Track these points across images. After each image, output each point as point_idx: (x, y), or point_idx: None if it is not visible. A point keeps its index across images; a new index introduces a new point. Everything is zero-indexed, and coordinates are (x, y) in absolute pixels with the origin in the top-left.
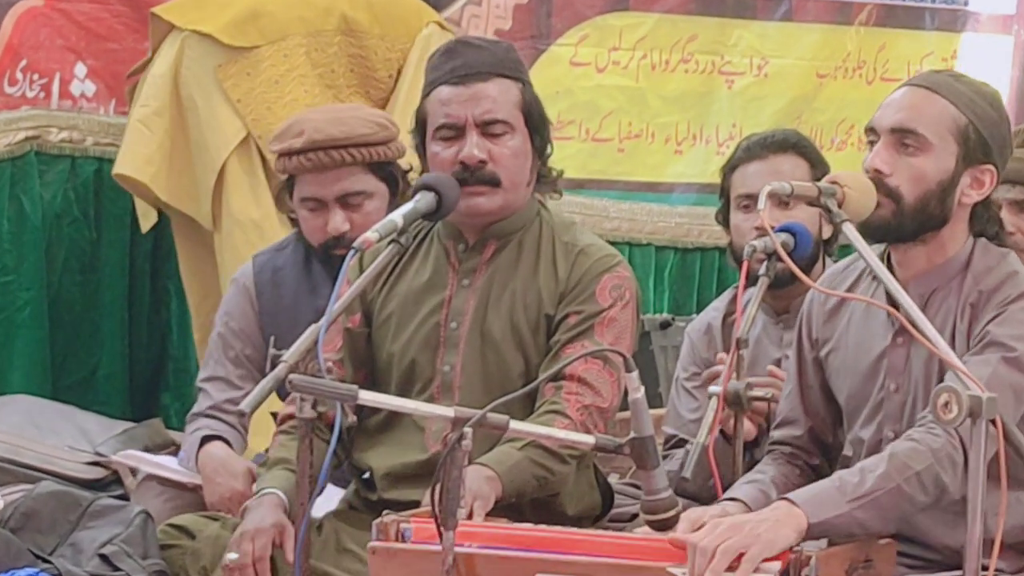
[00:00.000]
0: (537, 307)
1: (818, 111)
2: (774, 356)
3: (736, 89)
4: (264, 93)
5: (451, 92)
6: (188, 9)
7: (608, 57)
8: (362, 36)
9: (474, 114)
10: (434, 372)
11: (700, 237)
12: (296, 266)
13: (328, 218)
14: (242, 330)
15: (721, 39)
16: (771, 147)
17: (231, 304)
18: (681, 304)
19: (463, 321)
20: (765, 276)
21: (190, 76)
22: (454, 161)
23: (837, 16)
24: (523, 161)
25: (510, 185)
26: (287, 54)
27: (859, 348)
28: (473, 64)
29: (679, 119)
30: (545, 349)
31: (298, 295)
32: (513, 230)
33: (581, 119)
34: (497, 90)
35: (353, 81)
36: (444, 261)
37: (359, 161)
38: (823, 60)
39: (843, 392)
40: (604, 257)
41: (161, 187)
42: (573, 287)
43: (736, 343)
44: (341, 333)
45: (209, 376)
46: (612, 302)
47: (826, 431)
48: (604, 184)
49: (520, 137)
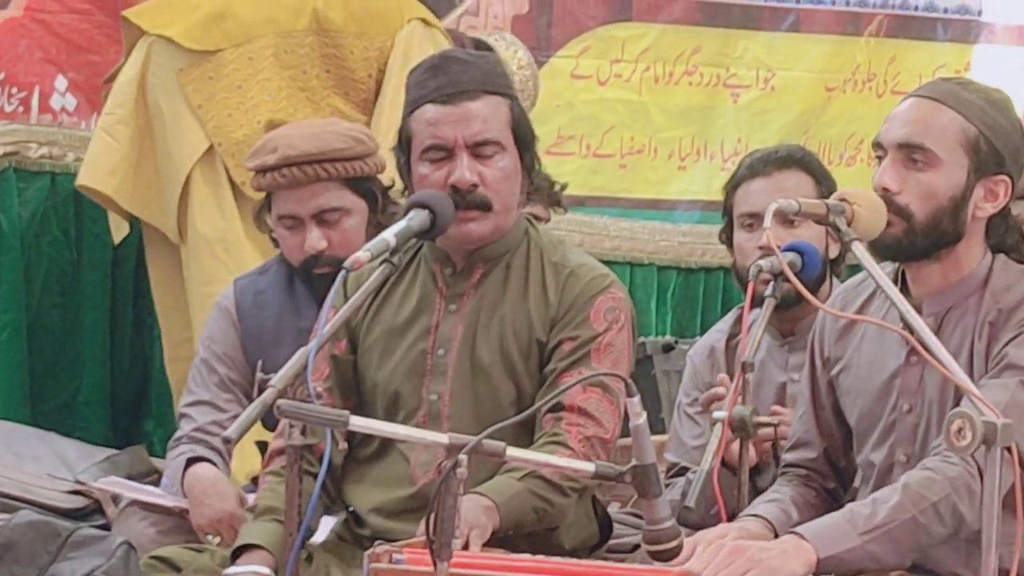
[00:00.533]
0: (528, 332)
1: (827, 125)
2: (779, 380)
3: (742, 103)
4: (226, 98)
5: (438, 112)
6: (156, 13)
7: (610, 69)
8: (336, 35)
9: (464, 135)
10: (420, 401)
11: (704, 257)
12: (278, 288)
13: (305, 236)
14: (225, 354)
15: (726, 51)
16: (775, 163)
17: (213, 328)
18: (684, 326)
19: (451, 348)
20: (771, 297)
21: (156, 82)
22: (444, 184)
23: (846, 27)
24: (514, 182)
25: (501, 208)
26: (252, 57)
27: (871, 367)
28: (460, 81)
29: (683, 134)
30: (537, 376)
31: (281, 317)
32: (501, 252)
33: (582, 134)
34: (486, 109)
35: (329, 82)
36: (431, 286)
37: (334, 176)
38: (832, 72)
39: (854, 413)
40: (596, 278)
41: (126, 198)
42: (565, 312)
43: (741, 367)
44: (328, 360)
45: (194, 401)
46: (607, 326)
47: (840, 454)
48: (605, 201)
49: (510, 156)
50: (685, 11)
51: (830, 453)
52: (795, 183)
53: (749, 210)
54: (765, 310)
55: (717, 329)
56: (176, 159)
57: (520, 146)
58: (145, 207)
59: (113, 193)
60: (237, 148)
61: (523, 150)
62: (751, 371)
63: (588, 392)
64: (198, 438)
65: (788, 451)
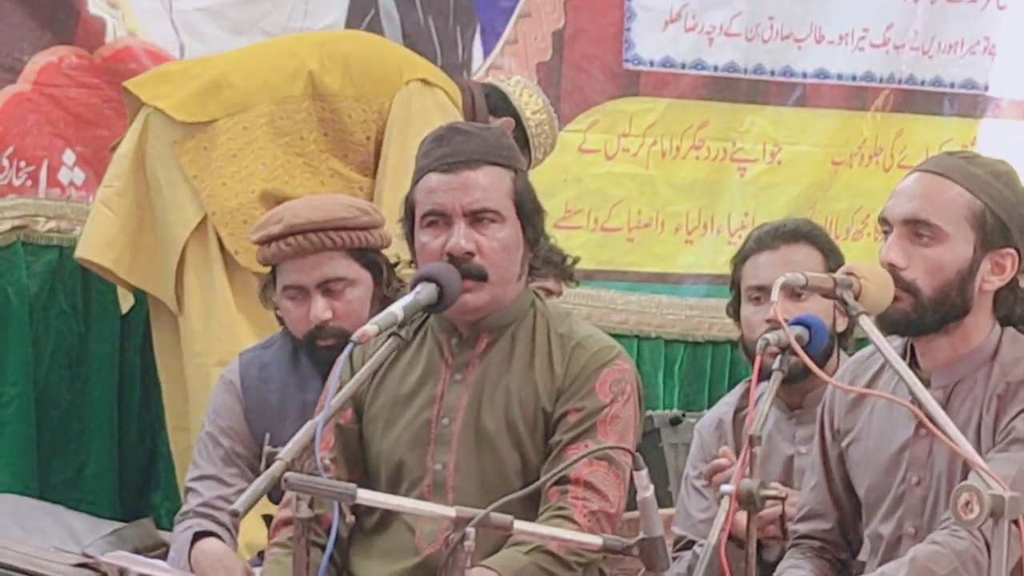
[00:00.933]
0: (534, 403)
1: (833, 199)
2: (787, 453)
3: (749, 177)
4: (220, 168)
5: (439, 180)
6: (155, 83)
7: (618, 144)
8: (333, 99)
9: (462, 203)
10: (424, 470)
11: (711, 330)
12: (283, 362)
13: (310, 307)
14: (230, 427)
15: (733, 125)
16: (783, 237)
17: (218, 401)
18: (692, 400)
19: (455, 417)
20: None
21: (154, 153)
22: (441, 252)
23: (853, 101)
24: (513, 253)
25: (498, 279)
26: (247, 126)
27: (881, 439)
28: (462, 151)
29: (690, 207)
30: (543, 446)
31: (286, 391)
32: (507, 323)
33: (590, 208)
34: (487, 179)
35: (327, 145)
36: (437, 355)
37: (339, 246)
38: (838, 147)
39: (863, 484)
40: (602, 350)
41: (125, 269)
42: (571, 383)
43: (749, 440)
44: (333, 430)
45: (199, 476)
46: (613, 397)
47: (851, 526)
48: (613, 275)
49: (511, 228)
50: (692, 86)
51: (842, 524)
52: (803, 257)
53: (757, 283)
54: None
55: (725, 402)
56: (172, 229)
57: (523, 218)
58: (145, 277)
59: (112, 264)
60: (231, 217)
61: (526, 222)
62: (759, 444)
63: (594, 465)
64: (204, 512)
65: (800, 521)
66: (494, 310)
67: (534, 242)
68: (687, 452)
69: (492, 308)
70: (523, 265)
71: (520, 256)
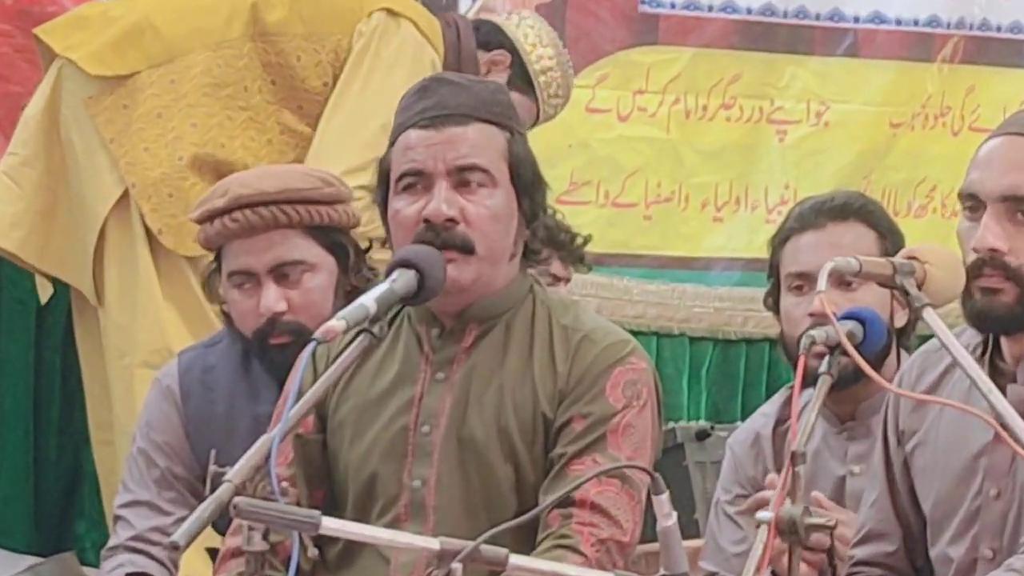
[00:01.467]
0: (531, 407)
1: (891, 169)
2: (837, 473)
3: (789, 141)
4: (142, 130)
5: (419, 136)
6: (69, 29)
7: (632, 102)
8: (279, 39)
9: (445, 159)
10: (400, 487)
11: (745, 326)
12: (231, 365)
13: (260, 296)
14: (167, 443)
15: (770, 79)
16: (829, 213)
17: (152, 411)
18: (722, 409)
19: (437, 424)
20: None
21: (68, 114)
22: (417, 219)
23: (914, 51)
24: (506, 225)
25: (487, 253)
26: (175, 79)
27: (952, 443)
28: (449, 104)
29: (719, 179)
30: (543, 459)
31: (234, 400)
32: (499, 311)
33: (599, 179)
34: (476, 135)
35: (275, 96)
36: (415, 350)
37: (296, 222)
38: (897, 106)
39: (929, 497)
40: (613, 344)
41: (34, 253)
42: (576, 383)
43: (791, 458)
44: (292, 442)
45: (129, 501)
46: (626, 402)
47: (920, 548)
48: (627, 260)
49: (503, 195)
50: (721, 33)
51: (909, 547)
52: (853, 238)
53: (798, 269)
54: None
55: (762, 413)
56: (90, 204)
57: (518, 187)
58: (58, 263)
59: (17, 248)
60: (154, 189)
61: (522, 193)
62: (802, 463)
63: (604, 484)
64: (137, 548)
65: (857, 545)
66: (482, 294)
67: (531, 218)
68: (717, 472)
69: (479, 291)
70: (517, 243)
71: (513, 231)
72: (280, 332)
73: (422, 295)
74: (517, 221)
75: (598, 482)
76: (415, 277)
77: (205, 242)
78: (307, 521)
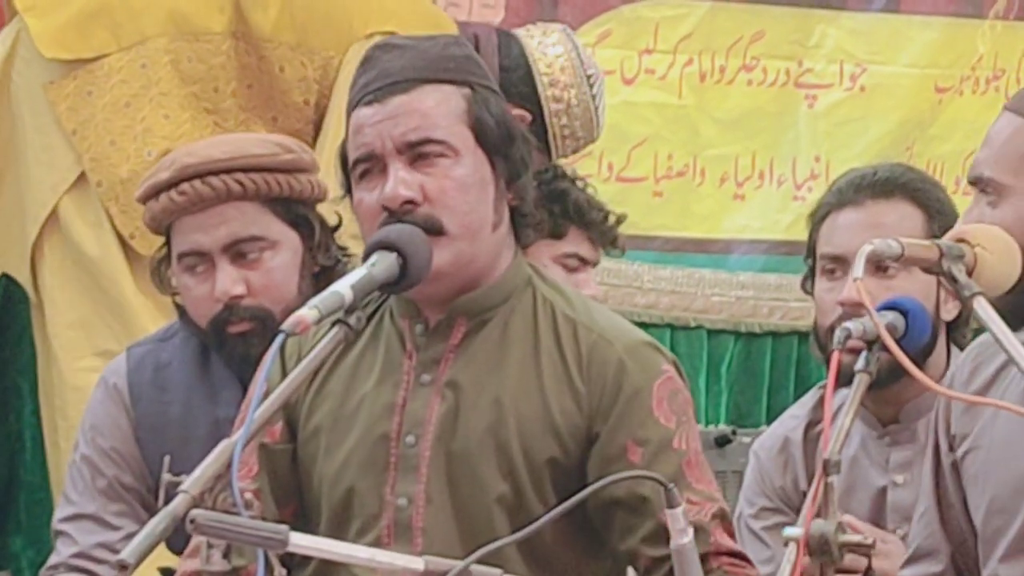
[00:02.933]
0: (541, 421)
1: (937, 139)
2: (877, 484)
3: (820, 108)
4: (108, 120)
5: (365, 114)
6: None
7: (639, 63)
8: (264, 44)
9: (393, 136)
10: (382, 505)
11: (771, 317)
12: (187, 363)
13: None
14: (115, 449)
15: (799, 38)
16: (870, 189)
17: (98, 414)
18: (745, 412)
19: (423, 434)
20: (864, 372)
21: (22, 84)
22: (378, 209)
23: (963, 6)
24: (477, 195)
25: (460, 231)
26: (146, 63)
27: (1008, 448)
28: (392, 71)
29: (740, 151)
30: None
31: (190, 401)
32: (492, 304)
33: (602, 150)
34: (426, 101)
35: (250, 102)
36: (398, 347)
37: (251, 193)
38: (944, 68)
39: (981, 508)
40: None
41: None
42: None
43: (823, 466)
44: (256, 452)
45: (72, 515)
46: (678, 421)
47: (975, 566)
48: (636, 242)
49: (469, 161)
50: None
51: (959, 565)
52: (897, 218)
53: (832, 251)
54: (855, 390)
55: (791, 415)
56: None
57: (487, 148)
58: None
59: None
60: (122, 188)
61: (494, 154)
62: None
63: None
64: (79, 567)
65: (907, 564)
66: (465, 276)
67: (512, 178)
68: (739, 482)
69: (464, 274)
70: (499, 211)
71: (491, 198)
72: (239, 319)
73: (405, 281)
74: (494, 187)
75: (719, 526)
76: (397, 261)
77: (151, 222)
78: (274, 537)
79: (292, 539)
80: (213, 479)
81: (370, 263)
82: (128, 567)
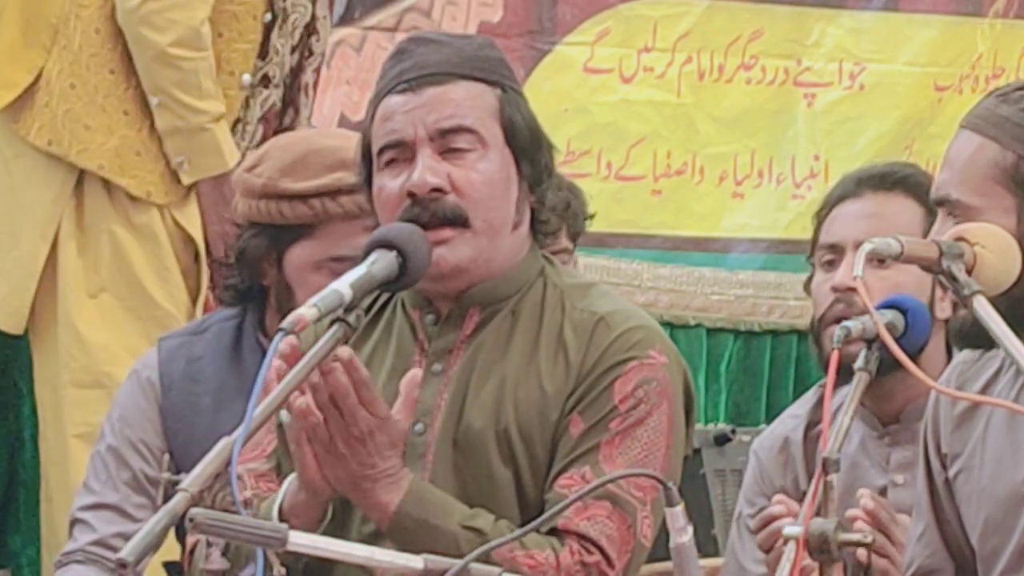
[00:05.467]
0: (535, 405)
1: (937, 138)
2: (877, 483)
3: (820, 107)
4: (70, 111)
5: (397, 102)
6: None
7: (637, 61)
8: None
9: (426, 123)
10: None
11: (770, 316)
12: (219, 356)
13: None
14: (142, 441)
15: (798, 36)
16: (869, 182)
17: (127, 405)
18: (744, 410)
19: (432, 422)
20: (864, 371)
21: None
22: (402, 195)
23: (962, 4)
24: (503, 192)
25: (484, 226)
26: (67, 43)
27: (998, 466)
28: (428, 63)
29: (739, 149)
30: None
31: (222, 393)
32: (504, 294)
33: (600, 148)
34: (462, 94)
35: None
36: (409, 339)
37: None
38: (943, 67)
39: (976, 527)
40: (631, 331)
41: None
42: (586, 376)
43: (823, 465)
44: (274, 431)
45: (93, 503)
46: (633, 405)
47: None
48: (635, 240)
49: (497, 158)
50: None
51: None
52: (896, 211)
53: (829, 240)
54: (855, 388)
55: (791, 414)
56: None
57: (516, 149)
58: None
59: None
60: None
61: (521, 155)
62: (836, 471)
63: (591, 508)
64: (96, 556)
65: None
66: (483, 275)
67: (536, 183)
68: (738, 482)
69: (479, 271)
70: (520, 211)
71: (514, 198)
72: None
73: (404, 280)
74: (517, 187)
75: (584, 506)
76: (396, 259)
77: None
78: (273, 536)
79: (291, 538)
80: (213, 476)
81: (370, 261)
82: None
